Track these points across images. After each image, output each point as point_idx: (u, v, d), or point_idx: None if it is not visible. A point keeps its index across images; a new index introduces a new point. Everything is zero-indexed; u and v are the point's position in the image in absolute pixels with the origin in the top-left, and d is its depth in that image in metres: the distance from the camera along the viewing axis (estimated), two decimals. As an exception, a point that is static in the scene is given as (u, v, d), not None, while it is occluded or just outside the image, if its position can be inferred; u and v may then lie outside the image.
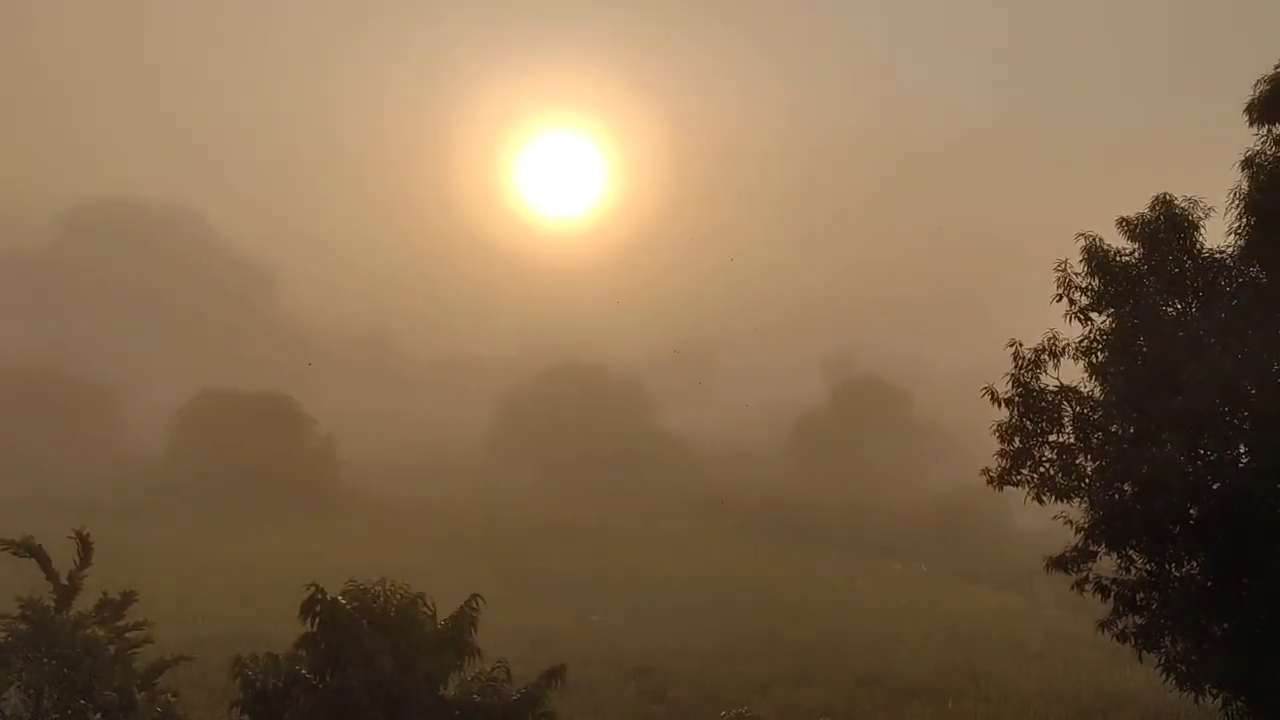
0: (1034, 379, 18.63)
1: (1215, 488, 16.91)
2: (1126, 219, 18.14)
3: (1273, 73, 17.25)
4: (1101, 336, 18.10)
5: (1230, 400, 16.46)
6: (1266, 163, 17.32)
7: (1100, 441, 18.14)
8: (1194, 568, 17.85)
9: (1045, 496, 18.63)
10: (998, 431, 18.89)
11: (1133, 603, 18.17)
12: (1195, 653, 17.67)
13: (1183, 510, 16.86)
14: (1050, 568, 18.84)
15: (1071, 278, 18.34)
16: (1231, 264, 17.61)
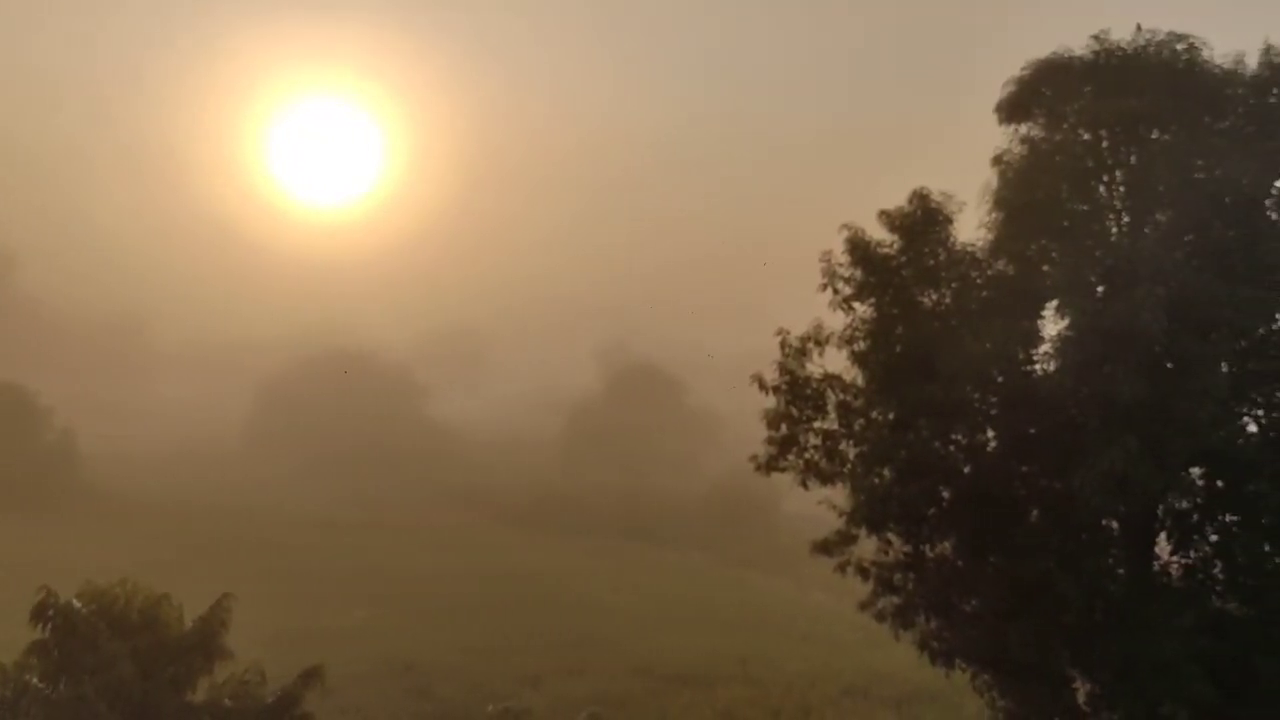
0: (800, 367, 19.03)
1: (966, 471, 17.66)
2: (887, 212, 18.71)
3: (1019, 75, 18.12)
4: (863, 325, 18.62)
5: (981, 387, 17.16)
6: (1014, 160, 18.22)
7: (862, 428, 18.67)
8: (947, 549, 18.60)
9: (810, 482, 19.10)
10: (765, 419, 19.22)
11: (890, 584, 18.81)
12: (947, 629, 18.46)
13: (937, 493, 17.51)
14: (814, 552, 19.28)
15: (835, 268, 18.78)
16: (982, 257, 18.39)
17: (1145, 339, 15.59)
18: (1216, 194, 16.81)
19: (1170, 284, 16.18)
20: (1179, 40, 17.33)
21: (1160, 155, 17.02)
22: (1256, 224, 16.78)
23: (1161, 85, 17.00)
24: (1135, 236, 17.21)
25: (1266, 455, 16.95)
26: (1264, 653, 16.27)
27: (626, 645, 38.24)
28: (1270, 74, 17.38)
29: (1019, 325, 17.38)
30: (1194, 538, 18.22)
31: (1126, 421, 15.70)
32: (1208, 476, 17.73)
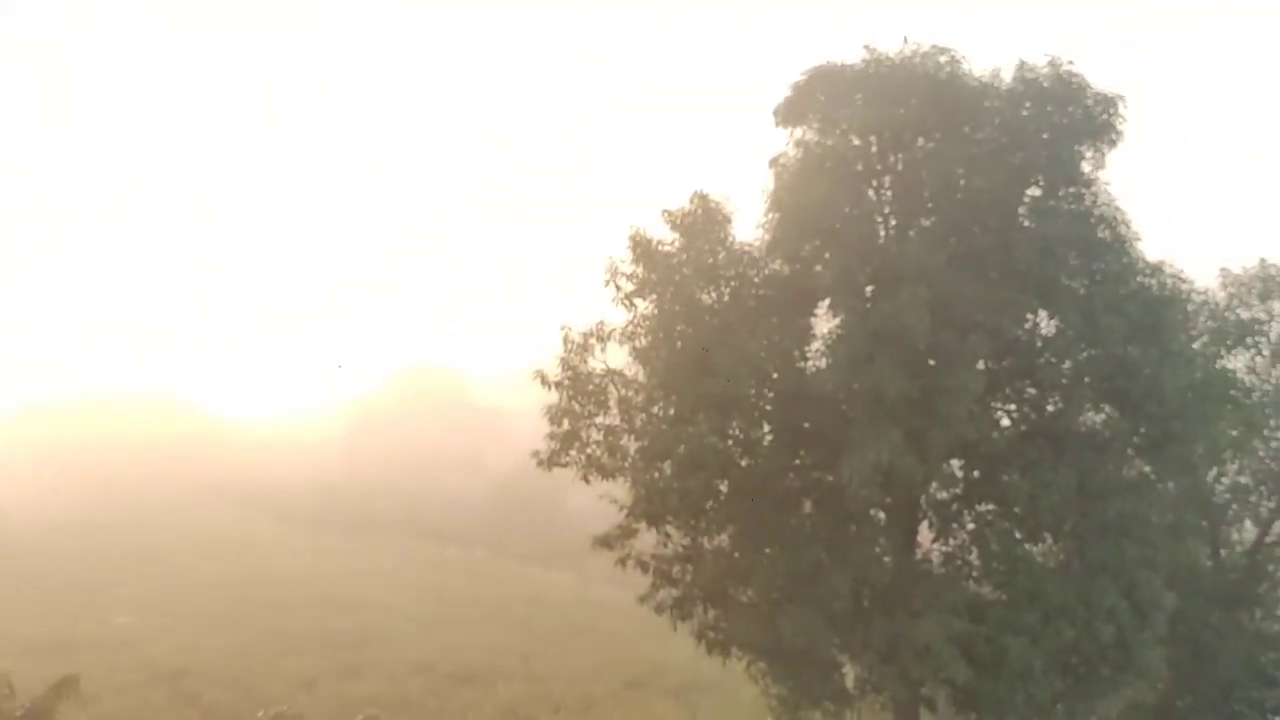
0: (582, 363, 19.14)
1: (743, 464, 18.13)
2: (669, 211, 19.02)
3: (795, 81, 18.70)
4: (644, 322, 18.87)
5: (757, 382, 17.64)
6: (789, 164, 18.80)
7: (642, 423, 18.93)
8: (724, 541, 19.06)
9: (592, 476, 19.26)
10: (548, 414, 19.25)
11: (669, 576, 19.16)
12: (724, 619, 18.94)
13: (714, 486, 17.90)
14: (595, 546, 19.43)
15: (618, 265, 18.97)
16: (759, 256, 18.91)
17: (910, 338, 16.34)
18: (975, 201, 17.78)
19: (933, 286, 17.01)
20: (942, 53, 18.22)
21: (924, 163, 17.90)
22: (1010, 231, 17.79)
23: (926, 96, 17.84)
24: (901, 240, 18.02)
25: (1017, 448, 18.05)
26: (1014, 633, 17.30)
27: (407, 644, 37.61)
28: (1023, 89, 18.47)
29: (793, 323, 17.99)
30: (953, 526, 19.29)
31: (892, 416, 16.42)
32: (965, 468, 18.79)
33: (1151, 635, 18.19)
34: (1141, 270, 18.58)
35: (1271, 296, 24.09)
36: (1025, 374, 18.36)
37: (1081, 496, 17.70)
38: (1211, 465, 23.00)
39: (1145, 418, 18.15)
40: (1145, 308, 18.13)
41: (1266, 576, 24.50)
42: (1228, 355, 23.93)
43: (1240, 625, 23.73)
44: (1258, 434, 23.25)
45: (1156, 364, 17.85)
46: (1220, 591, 23.30)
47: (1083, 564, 18.16)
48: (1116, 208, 18.66)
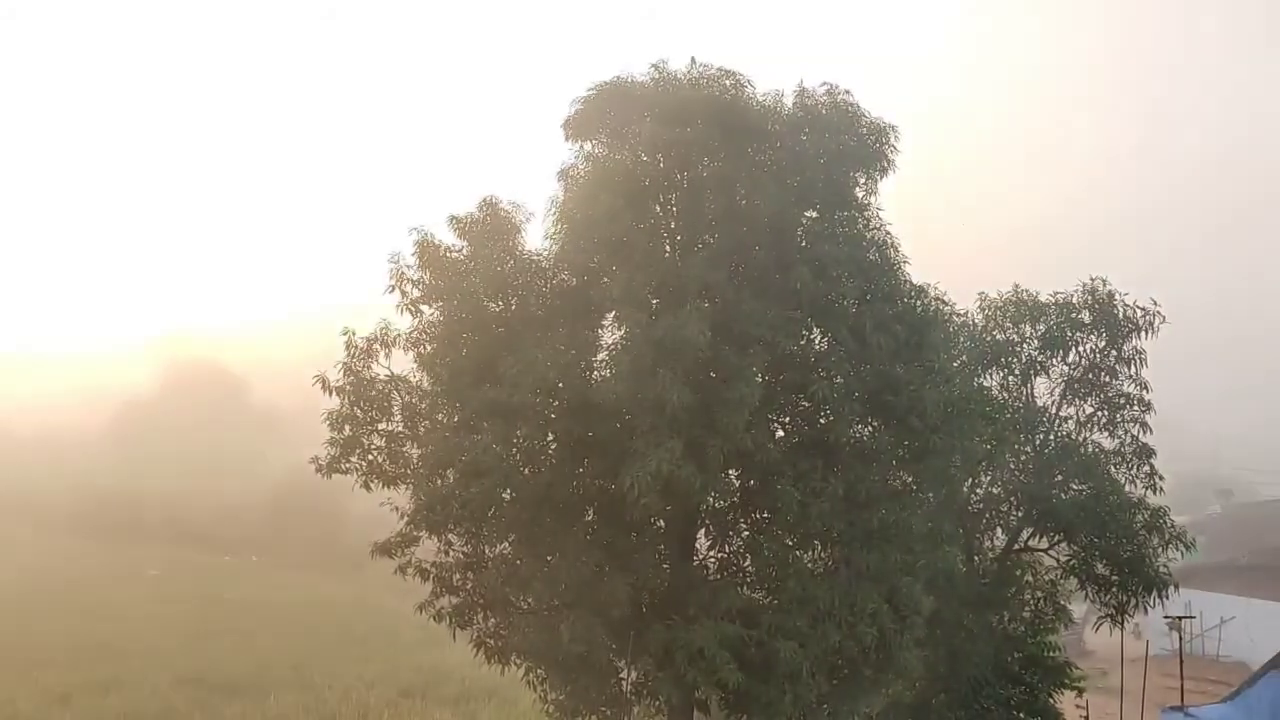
0: (366, 368, 18.89)
1: (527, 472, 18.23)
2: (456, 217, 18.98)
3: (585, 95, 18.97)
4: (430, 329, 18.76)
5: (543, 392, 17.75)
6: (578, 176, 19.05)
7: (426, 430, 18.81)
8: (507, 548, 19.11)
9: (373, 483, 19.03)
10: (329, 420, 18.92)
11: (450, 584, 19.07)
12: (504, 627, 18.99)
13: (498, 494, 17.93)
14: (376, 553, 19.17)
15: (404, 271, 18.81)
16: (548, 267, 19.07)
17: (691, 351, 16.78)
18: (756, 222, 18.41)
19: (715, 301, 17.57)
20: (728, 76, 18.83)
21: (709, 182, 18.40)
22: (788, 251, 18.51)
23: (712, 117, 18.37)
24: (686, 256, 18.48)
25: (790, 458, 18.78)
26: (783, 636, 17.97)
27: (171, 656, 36.05)
28: (803, 115, 19.29)
29: (580, 334, 18.21)
30: (729, 534, 19.90)
31: (673, 426, 16.80)
32: (742, 477, 19.42)
33: (910, 637, 19.21)
34: (908, 292, 19.63)
35: (1023, 320, 25.86)
36: (800, 388, 19.07)
37: (849, 505, 18.53)
38: (967, 476, 24.46)
39: (908, 431, 19.15)
40: (911, 328, 19.18)
41: (1014, 581, 26.22)
42: (983, 374, 25.57)
43: (990, 627, 25.32)
44: (1008, 448, 24.90)
45: (919, 381, 18.91)
46: (973, 595, 24.79)
47: (849, 569, 18.97)
48: (887, 232, 19.70)
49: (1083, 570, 25.59)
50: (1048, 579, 26.28)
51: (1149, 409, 25.59)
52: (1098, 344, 25.77)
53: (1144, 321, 25.32)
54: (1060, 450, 25.73)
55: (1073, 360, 25.89)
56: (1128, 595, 25.23)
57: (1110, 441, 25.82)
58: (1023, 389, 26.23)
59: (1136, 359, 25.56)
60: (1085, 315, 25.69)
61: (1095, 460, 25.44)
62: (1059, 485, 25.53)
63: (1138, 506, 25.28)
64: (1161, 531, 25.19)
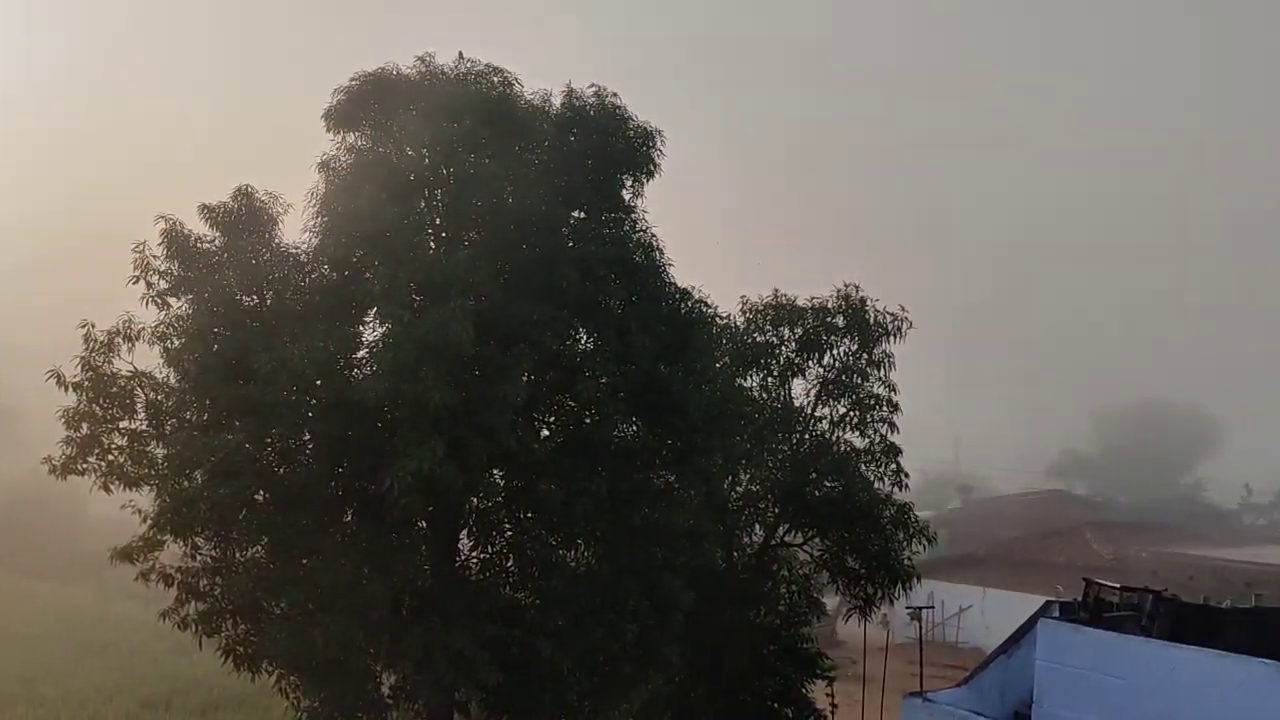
0: (106, 363, 17.78)
1: (281, 473, 17.58)
2: (208, 206, 18.11)
3: (348, 85, 18.44)
4: (179, 322, 17.82)
5: (299, 389, 17.15)
6: (340, 168, 18.49)
7: (173, 429, 17.87)
8: (259, 552, 18.37)
9: (114, 485, 17.95)
10: (64, 417, 17.74)
11: (196, 589, 18.18)
12: (254, 633, 18.22)
13: (249, 496, 17.23)
14: (116, 559, 18.07)
15: (151, 260, 17.81)
16: (306, 260, 18.43)
17: (455, 349, 16.53)
18: (523, 220, 18.30)
19: (480, 299, 17.38)
20: (496, 73, 18.68)
21: (476, 179, 18.17)
22: (555, 250, 18.51)
23: (480, 114, 18.19)
24: (451, 253, 18.21)
25: (555, 458, 18.81)
26: (545, 636, 18.00)
27: (-118, 675, 33.08)
28: (571, 115, 19.36)
29: (340, 330, 17.66)
30: (492, 534, 19.74)
31: (435, 426, 16.53)
32: (506, 477, 19.31)
33: (670, 633, 19.58)
34: (672, 294, 20.00)
35: (782, 323, 26.72)
36: (565, 388, 19.13)
37: (613, 504, 18.69)
38: (728, 475, 25.06)
39: (672, 431, 19.51)
40: (675, 329, 19.54)
41: (771, 576, 27.04)
42: (744, 375, 26.28)
43: (748, 621, 26.03)
44: (767, 446, 25.67)
45: (683, 381, 19.27)
46: (732, 590, 25.43)
47: (612, 568, 19.20)
48: (652, 235, 20.00)
49: (834, 564, 26.64)
50: (802, 573, 27.20)
51: (897, 409, 26.82)
52: (850, 347, 26.85)
53: (893, 327, 26.55)
54: (815, 449, 26.69)
55: (827, 362, 26.89)
56: (875, 587, 26.41)
57: (861, 440, 26.93)
58: (781, 389, 27.07)
59: (885, 362, 26.76)
60: (840, 320, 26.73)
61: (847, 458, 26.49)
62: (813, 483, 26.47)
63: (885, 502, 26.47)
64: (907, 526, 26.45)
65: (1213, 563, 53.50)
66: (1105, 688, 17.50)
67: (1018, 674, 19.60)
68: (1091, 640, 18.25)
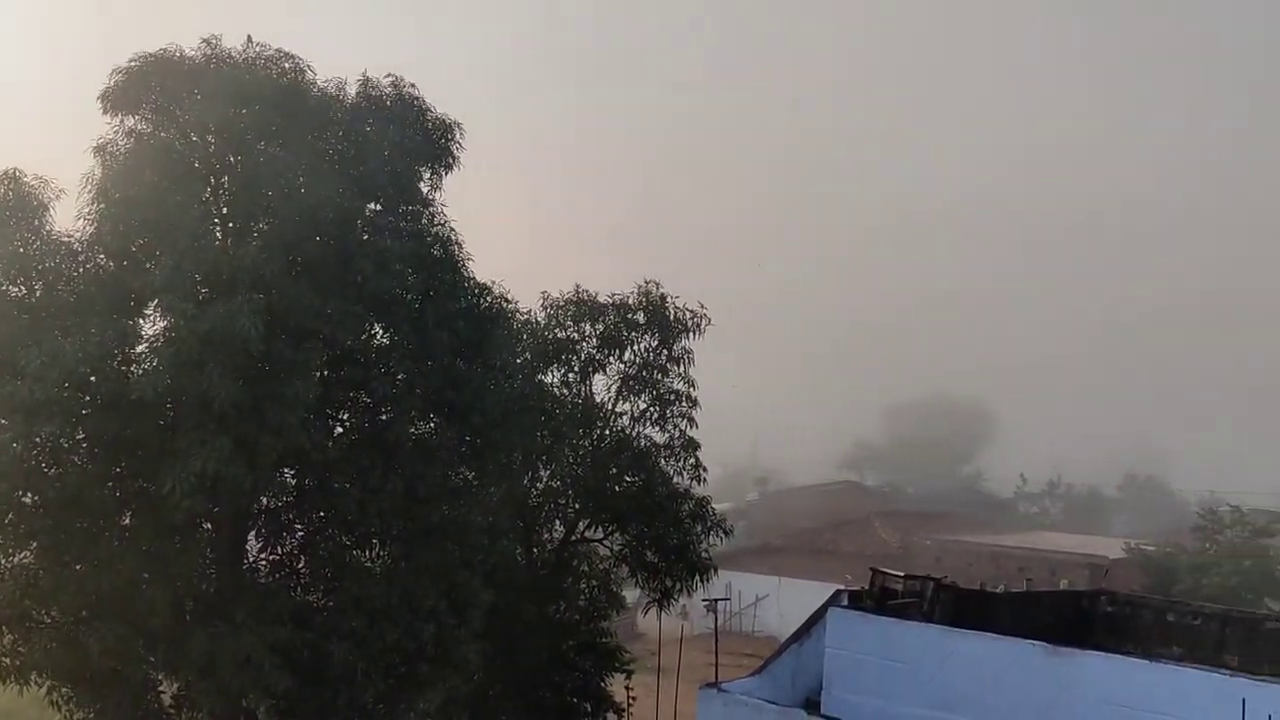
0: None
1: (52, 474, 16.60)
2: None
3: (127, 65, 17.51)
4: (-64, 316, 16.60)
5: (71, 386, 16.20)
6: (118, 152, 17.53)
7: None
8: (28, 557, 17.35)
9: None
10: None
11: (-46, 600, 17.01)
12: (22, 643, 17.18)
13: (16, 499, 16.25)
14: None
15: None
16: (81, 249, 17.45)
17: (242, 344, 15.95)
18: (316, 212, 17.72)
19: (270, 293, 16.79)
20: (287, 59, 18.09)
21: (265, 167, 17.51)
22: (349, 243, 18.06)
23: (270, 100, 17.59)
24: (239, 244, 17.54)
25: (349, 456, 18.41)
26: (338, 638, 17.59)
27: None
28: (367, 104, 18.91)
29: (116, 323, 16.76)
30: (283, 535, 19.17)
31: (221, 424, 15.95)
32: (298, 476, 18.79)
33: (468, 631, 19.42)
34: (471, 289, 19.80)
35: (583, 319, 26.81)
36: (360, 384, 18.73)
37: (409, 503, 18.44)
38: (527, 471, 25.04)
39: (470, 428, 19.35)
40: (473, 324, 19.38)
41: (571, 571, 27.15)
42: (545, 371, 26.28)
43: (548, 617, 26.06)
44: (567, 443, 25.73)
45: (481, 378, 19.13)
46: (532, 587, 25.42)
47: (408, 567, 18.92)
48: (451, 228, 19.77)
49: (634, 558, 26.90)
50: (602, 568, 27.40)
51: (696, 405, 27.28)
52: (651, 343, 27.15)
53: (692, 323, 26.98)
54: (616, 444, 26.90)
55: (628, 358, 27.12)
56: (674, 580, 26.81)
57: (661, 435, 27.29)
58: (582, 386, 27.17)
59: (685, 358, 27.17)
60: (640, 316, 26.99)
61: (647, 454, 26.81)
62: (614, 478, 26.70)
63: (684, 497, 26.91)
64: (705, 520, 26.96)
65: (990, 549, 56.51)
66: (889, 672, 18.29)
67: (809, 661, 20.27)
68: (876, 627, 19.04)
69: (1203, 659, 21.48)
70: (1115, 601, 24.63)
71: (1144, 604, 24.79)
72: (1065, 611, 24.32)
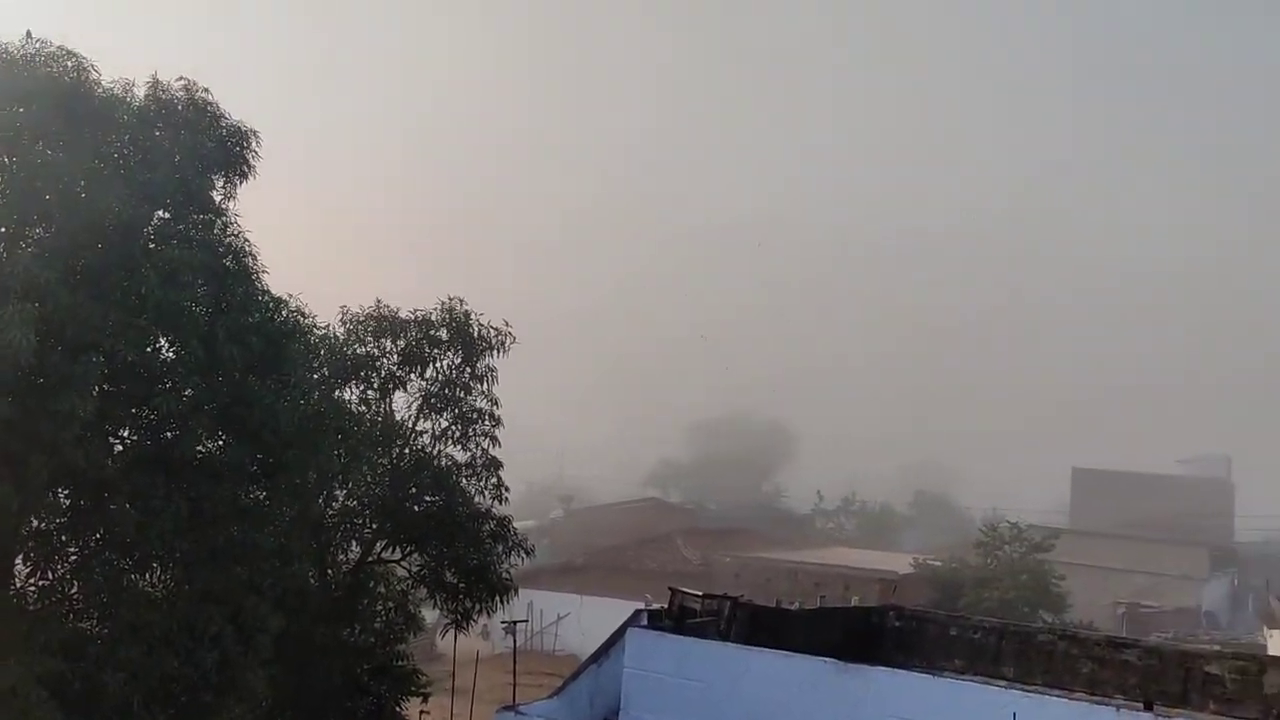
0: None
1: None
2: None
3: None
4: None
5: None
6: None
7: None
8: None
9: None
10: None
11: None
12: None
13: None
14: None
15: None
16: None
17: (13, 357, 15.04)
18: (98, 218, 16.88)
19: (44, 303, 15.87)
20: (69, 57, 17.19)
21: (43, 170, 16.58)
22: (134, 252, 17.24)
23: (49, 99, 16.69)
24: (11, 250, 16.56)
25: (129, 475, 17.52)
26: (113, 668, 16.69)
27: None
28: (156, 108, 18.14)
29: None
30: (54, 559, 18.08)
31: (-12, 442, 15.01)
32: (72, 496, 17.79)
33: (255, 658, 18.72)
34: (266, 303, 19.19)
35: (384, 335, 26.35)
36: (143, 400, 17.89)
37: (194, 524, 17.70)
38: (323, 491, 24.37)
39: (262, 446, 18.70)
40: (268, 339, 18.75)
41: (367, 593, 26.53)
42: (343, 388, 25.69)
43: (342, 640, 25.39)
44: (365, 461, 25.17)
45: (275, 394, 18.54)
46: (325, 610, 24.71)
47: (191, 592, 18.14)
48: (245, 239, 19.13)
49: (433, 579, 26.53)
50: (400, 589, 26.90)
51: (499, 423, 27.15)
52: (454, 361, 26.88)
53: (496, 340, 26.85)
54: (416, 463, 26.51)
55: (431, 376, 26.79)
56: (473, 601, 26.54)
57: (463, 454, 27.03)
58: (382, 403, 26.70)
59: (489, 375, 27.01)
60: (443, 333, 26.71)
61: (448, 473, 26.51)
62: (413, 498, 26.29)
63: (485, 516, 26.71)
64: (506, 539, 26.83)
65: (787, 565, 58.01)
66: (686, 692, 18.49)
67: (607, 681, 20.32)
68: (674, 646, 19.24)
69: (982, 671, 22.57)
70: (903, 617, 25.60)
71: (929, 619, 25.84)
72: (856, 627, 25.14)
